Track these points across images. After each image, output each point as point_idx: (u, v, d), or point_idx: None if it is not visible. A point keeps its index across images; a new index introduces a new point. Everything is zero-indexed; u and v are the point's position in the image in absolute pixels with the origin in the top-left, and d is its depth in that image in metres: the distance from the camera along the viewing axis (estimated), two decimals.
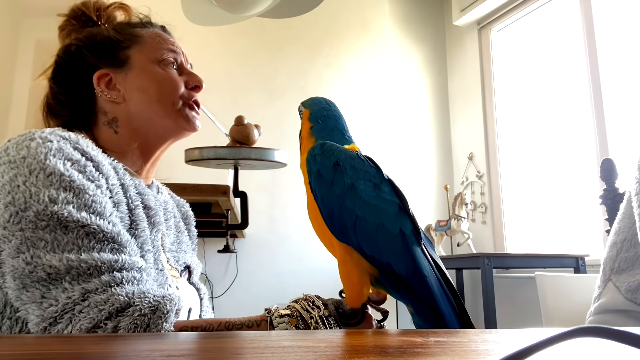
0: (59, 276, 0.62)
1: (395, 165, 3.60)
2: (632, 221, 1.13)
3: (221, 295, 3.20)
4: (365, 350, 0.40)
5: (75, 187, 0.66)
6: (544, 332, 0.34)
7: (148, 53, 0.87)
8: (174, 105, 0.87)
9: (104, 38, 0.87)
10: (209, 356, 0.37)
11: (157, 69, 0.87)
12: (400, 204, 0.67)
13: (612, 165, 1.61)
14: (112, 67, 0.86)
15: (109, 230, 0.66)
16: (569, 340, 0.26)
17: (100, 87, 0.85)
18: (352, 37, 3.81)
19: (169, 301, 0.65)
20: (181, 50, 0.92)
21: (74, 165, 0.69)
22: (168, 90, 0.86)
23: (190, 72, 0.91)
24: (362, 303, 0.68)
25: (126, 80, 0.86)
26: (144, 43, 0.88)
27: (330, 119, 0.78)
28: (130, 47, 0.87)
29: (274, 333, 0.49)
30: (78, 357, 0.36)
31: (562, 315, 1.63)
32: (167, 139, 0.90)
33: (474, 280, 3.59)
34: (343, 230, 0.66)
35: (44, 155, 0.67)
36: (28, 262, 0.62)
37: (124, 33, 0.88)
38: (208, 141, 2.11)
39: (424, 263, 0.65)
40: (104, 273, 0.63)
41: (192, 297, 0.87)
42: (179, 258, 0.88)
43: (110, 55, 0.86)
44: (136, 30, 0.90)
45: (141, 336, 0.52)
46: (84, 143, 0.73)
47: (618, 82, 2.85)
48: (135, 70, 0.86)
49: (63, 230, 0.63)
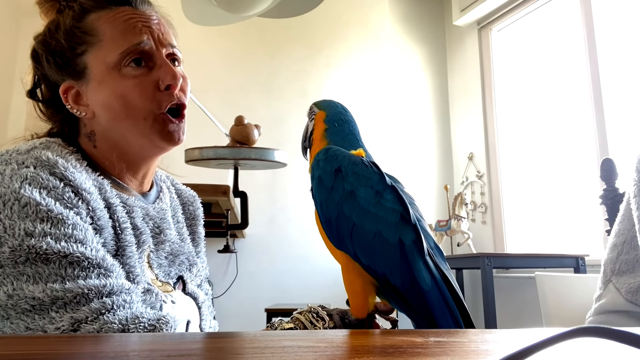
0: (44, 307, 0.58)
1: (396, 166, 3.60)
2: (631, 223, 1.13)
3: (221, 295, 3.20)
4: (365, 350, 0.40)
5: (52, 217, 0.62)
6: (544, 332, 0.34)
7: (105, 56, 0.73)
8: (144, 121, 0.74)
9: (57, 43, 0.75)
10: (209, 356, 0.37)
11: (118, 78, 0.73)
12: (404, 213, 0.65)
13: (612, 165, 1.61)
14: (73, 79, 0.75)
15: (93, 256, 0.63)
16: (569, 340, 0.26)
17: (68, 102, 0.76)
18: (352, 37, 3.81)
19: (165, 324, 0.63)
20: (154, 31, 0.76)
21: (51, 193, 0.64)
22: (133, 105, 0.73)
23: (161, 65, 0.75)
24: (367, 313, 0.66)
25: (90, 94, 0.75)
26: (99, 42, 0.73)
27: (347, 123, 0.77)
28: (86, 52, 0.74)
29: (274, 333, 0.49)
30: (78, 357, 0.36)
31: (562, 315, 1.63)
32: (148, 156, 0.80)
33: (474, 280, 3.59)
34: (340, 237, 0.65)
35: (19, 184, 0.62)
36: (10, 294, 0.58)
37: (74, 33, 0.74)
38: (208, 141, 2.11)
39: (423, 275, 0.62)
40: (93, 300, 0.60)
41: (189, 309, 0.83)
42: (170, 272, 0.82)
43: (67, 66, 0.75)
44: (90, 22, 0.74)
45: (141, 336, 0.52)
46: (63, 164, 0.67)
47: (618, 82, 2.85)
48: (94, 82, 0.74)
49: (44, 262, 0.59)
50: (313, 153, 0.74)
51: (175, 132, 0.76)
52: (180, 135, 0.77)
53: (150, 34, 0.75)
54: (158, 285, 0.76)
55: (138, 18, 0.75)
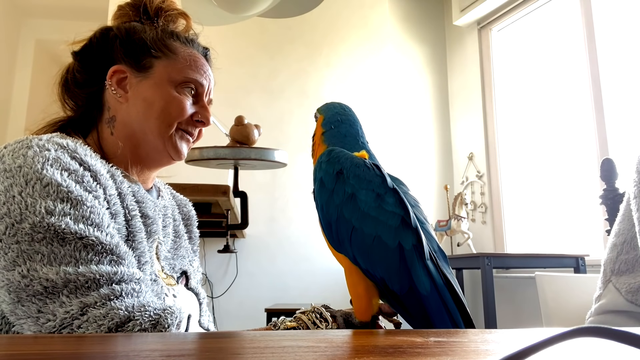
0: (56, 290, 0.60)
1: (396, 165, 3.60)
2: (631, 223, 1.13)
3: (221, 295, 3.20)
4: (365, 350, 0.40)
5: (72, 198, 0.64)
6: (544, 332, 0.34)
7: (171, 71, 0.85)
8: (168, 128, 0.84)
9: (140, 39, 0.86)
10: (209, 356, 0.37)
11: (171, 90, 0.84)
12: (405, 217, 0.64)
13: (612, 165, 1.61)
14: (132, 69, 0.84)
15: (108, 242, 0.65)
16: (569, 340, 0.26)
17: (111, 80, 0.84)
18: (352, 37, 3.81)
19: (170, 314, 0.63)
20: (209, 81, 0.90)
21: (72, 176, 0.67)
22: (170, 112, 0.83)
23: (203, 106, 0.89)
24: (371, 315, 0.65)
25: (138, 86, 0.84)
26: (173, 60, 0.86)
27: (344, 124, 0.76)
28: (159, 58, 0.85)
29: (274, 333, 0.49)
30: (78, 357, 0.36)
31: (562, 315, 1.63)
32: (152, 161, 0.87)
33: (474, 280, 3.59)
34: (340, 241, 0.64)
35: (41, 165, 0.65)
36: (24, 275, 0.60)
37: (161, 42, 0.86)
38: (208, 141, 2.11)
39: (422, 280, 0.61)
40: (103, 286, 0.61)
41: (190, 303, 0.86)
42: (174, 265, 0.86)
43: (135, 57, 0.85)
44: (175, 45, 0.87)
45: (141, 336, 0.52)
46: (82, 151, 0.71)
47: (618, 82, 2.85)
48: (151, 81, 0.84)
49: (60, 242, 0.61)
50: (315, 156, 0.74)
51: (182, 151, 0.87)
52: (184, 154, 0.88)
53: (207, 81, 0.90)
54: (162, 278, 0.79)
55: (206, 67, 0.91)
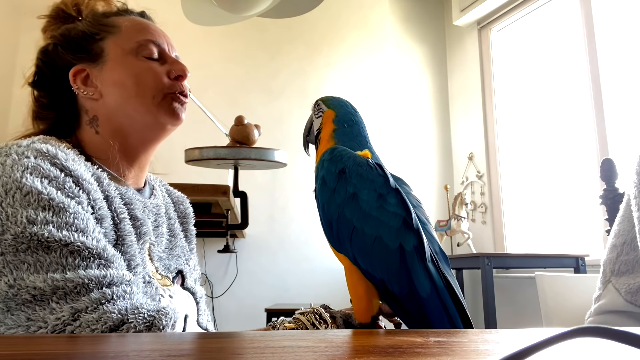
0: (44, 297, 0.58)
1: (396, 165, 3.60)
2: (631, 224, 1.13)
3: (221, 295, 3.20)
4: (365, 350, 0.40)
5: (54, 205, 0.63)
6: (544, 332, 0.34)
7: (123, 43, 0.81)
8: (153, 99, 0.80)
9: (77, 32, 0.83)
10: (209, 356, 0.37)
11: (134, 60, 0.81)
12: (406, 218, 0.63)
13: (612, 165, 1.61)
14: (87, 62, 0.81)
15: (94, 246, 0.63)
16: (569, 340, 0.26)
17: (76, 84, 0.81)
18: (352, 37, 3.81)
19: (164, 315, 0.62)
20: (164, 37, 0.86)
21: (52, 183, 0.65)
22: (146, 83, 0.80)
23: (173, 60, 0.85)
24: (371, 316, 0.65)
25: (102, 74, 0.81)
26: (119, 33, 0.82)
27: (357, 125, 0.75)
28: (104, 39, 0.82)
29: (274, 333, 0.49)
30: (78, 357, 0.36)
31: (562, 315, 1.63)
32: (149, 139, 0.84)
33: (474, 280, 3.59)
34: (340, 240, 0.63)
35: (20, 174, 0.63)
36: (11, 284, 0.58)
37: (97, 24, 0.83)
38: (208, 141, 2.11)
39: (422, 282, 0.60)
40: (93, 290, 0.60)
41: (187, 303, 0.84)
42: (169, 265, 0.84)
43: (83, 50, 0.81)
44: (111, 20, 0.84)
45: (141, 336, 0.52)
46: (63, 156, 0.69)
47: (618, 82, 2.85)
48: (110, 63, 0.81)
49: (45, 250, 0.60)
50: (319, 153, 0.72)
51: (179, 111, 0.83)
52: (182, 114, 0.84)
53: (162, 37, 0.86)
54: (157, 279, 0.77)
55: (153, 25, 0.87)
